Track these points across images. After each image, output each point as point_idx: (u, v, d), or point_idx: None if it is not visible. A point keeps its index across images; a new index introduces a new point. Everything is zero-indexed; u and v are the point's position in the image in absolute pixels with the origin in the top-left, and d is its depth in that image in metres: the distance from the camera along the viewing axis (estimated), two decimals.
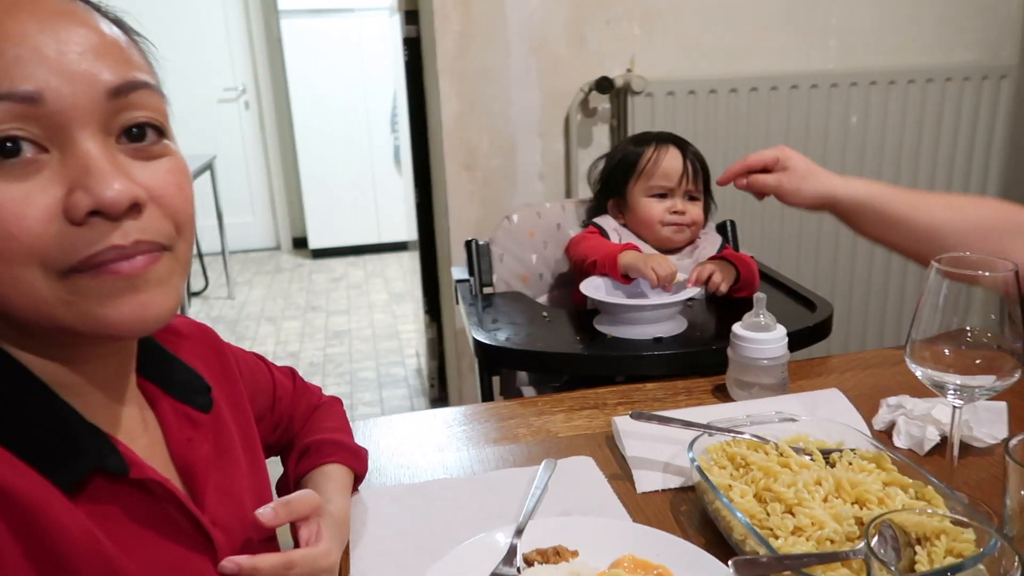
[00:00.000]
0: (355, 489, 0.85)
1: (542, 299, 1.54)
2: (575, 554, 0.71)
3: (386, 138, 4.91)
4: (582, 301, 1.35)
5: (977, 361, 0.74)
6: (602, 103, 2.17)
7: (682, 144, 1.45)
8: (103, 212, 0.46)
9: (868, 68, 2.23)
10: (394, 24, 2.56)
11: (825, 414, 0.93)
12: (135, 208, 0.48)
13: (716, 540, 0.75)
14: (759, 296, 1.03)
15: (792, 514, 0.70)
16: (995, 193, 2.38)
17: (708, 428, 0.85)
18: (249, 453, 0.71)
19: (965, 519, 0.59)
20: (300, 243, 5.31)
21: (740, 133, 2.18)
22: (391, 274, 4.75)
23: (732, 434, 0.84)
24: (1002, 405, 0.94)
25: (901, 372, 1.12)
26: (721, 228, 1.56)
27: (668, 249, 1.42)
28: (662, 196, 1.42)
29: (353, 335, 3.77)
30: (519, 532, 0.74)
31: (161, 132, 0.51)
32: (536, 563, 0.70)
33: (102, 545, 0.50)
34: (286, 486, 0.81)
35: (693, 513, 0.81)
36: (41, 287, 0.46)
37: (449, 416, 1.06)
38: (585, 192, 2.22)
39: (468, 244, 1.48)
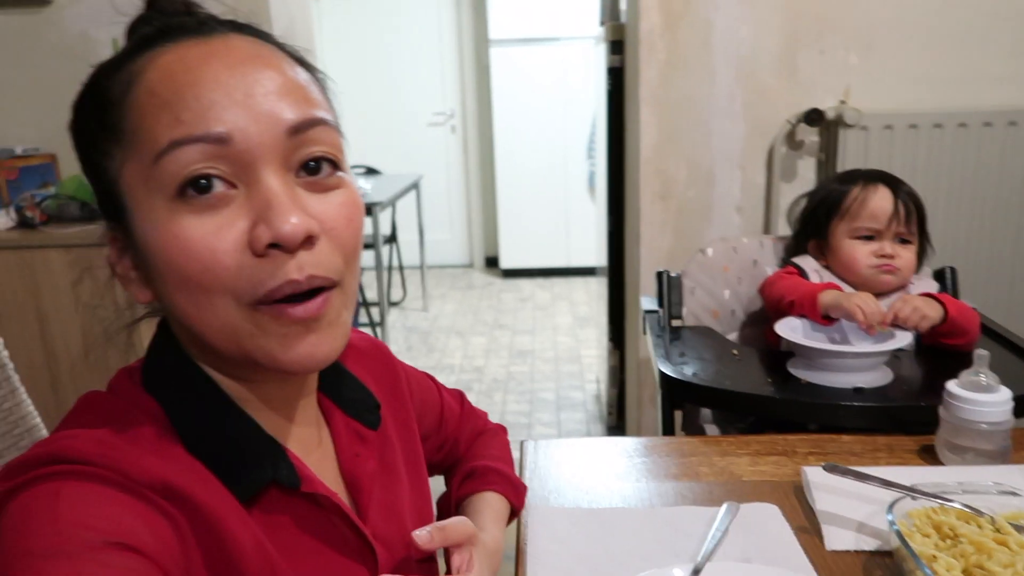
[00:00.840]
0: (509, 522, 0.84)
1: (732, 337, 1.50)
2: None
3: (582, 165, 4.99)
4: (776, 342, 1.29)
5: None
6: (810, 136, 2.07)
7: (893, 182, 1.35)
8: (281, 245, 0.49)
9: None
10: (599, 53, 2.61)
11: None
12: (309, 240, 0.50)
13: None
14: (981, 353, 0.94)
15: None
16: None
17: (912, 491, 0.78)
18: (412, 471, 0.73)
19: None
20: (492, 262, 5.51)
21: (967, 173, 1.99)
22: (577, 298, 4.79)
23: (939, 500, 0.77)
24: None
25: None
26: (939, 275, 1.43)
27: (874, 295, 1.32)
28: (868, 238, 1.33)
29: (536, 355, 3.84)
30: (697, 572, 0.72)
31: (336, 165, 0.54)
32: None
33: (271, 556, 0.53)
34: (447, 506, 0.83)
35: None
36: (233, 316, 0.50)
37: (630, 446, 1.06)
38: (784, 228, 2.13)
39: (659, 275, 1.47)
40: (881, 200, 1.32)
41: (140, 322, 0.60)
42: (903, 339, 1.14)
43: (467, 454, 0.86)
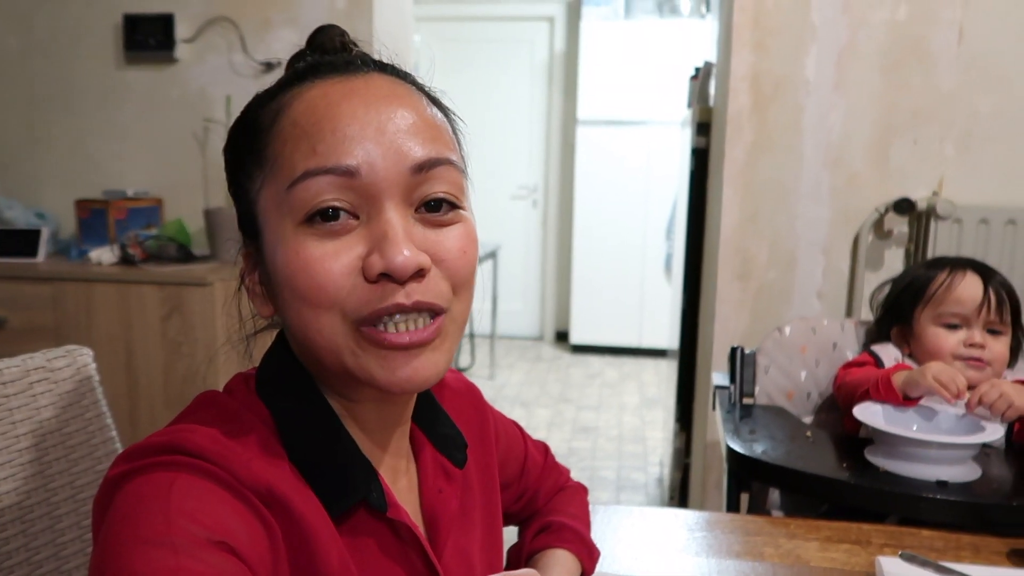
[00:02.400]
0: None
1: (807, 420, 1.43)
2: None
3: (660, 246, 4.97)
4: (854, 430, 1.23)
5: None
6: (899, 225, 2.01)
7: (984, 270, 1.29)
8: (392, 275, 0.51)
9: None
10: (684, 135, 2.64)
11: None
12: (419, 273, 0.53)
13: None
14: None
15: None
16: None
17: None
18: (488, 518, 0.72)
19: None
20: (562, 336, 5.49)
21: None
22: (646, 379, 4.71)
23: None
24: None
25: None
26: None
27: None
28: (956, 327, 1.27)
29: (600, 432, 3.77)
30: None
31: (455, 205, 0.56)
32: None
33: (350, 567, 0.54)
34: (518, 557, 0.82)
35: None
36: (339, 332, 0.53)
37: (691, 519, 1.02)
38: (867, 316, 2.06)
39: (733, 350, 1.43)
40: (970, 286, 1.27)
41: (260, 333, 0.63)
42: (994, 433, 1.07)
43: (545, 508, 0.85)
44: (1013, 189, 1.95)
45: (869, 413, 1.15)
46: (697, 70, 2.66)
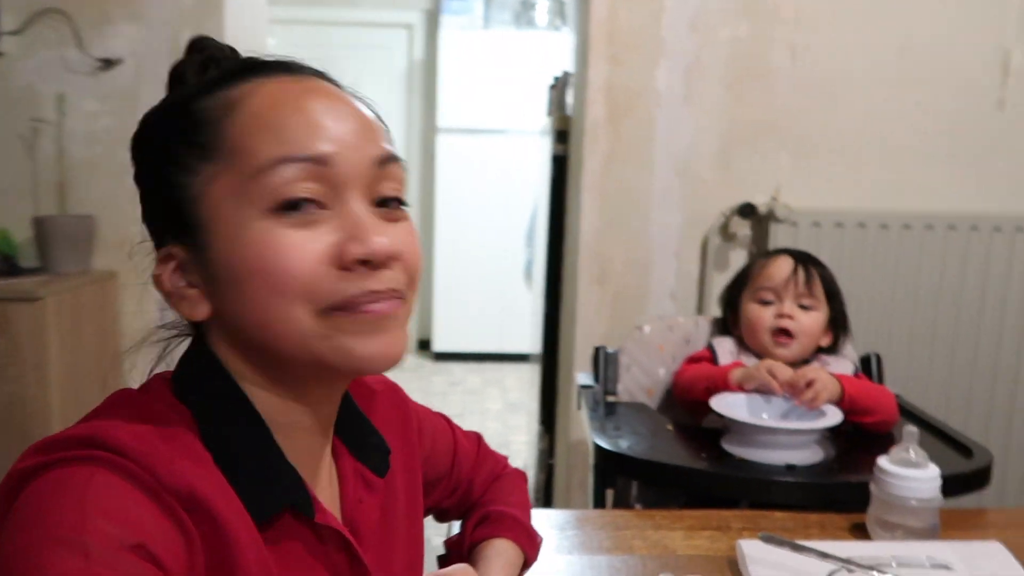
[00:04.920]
0: (521, 573, 0.81)
1: (667, 415, 1.49)
2: None
3: (520, 253, 5.05)
4: (699, 419, 1.30)
5: None
6: (743, 229, 2.14)
7: (799, 254, 1.40)
8: (370, 260, 0.53)
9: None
10: (544, 144, 2.69)
11: (984, 567, 0.83)
12: (391, 260, 0.54)
13: None
14: (910, 430, 0.95)
15: None
16: None
17: (848, 563, 0.77)
18: (410, 521, 0.71)
19: None
20: (424, 344, 5.45)
21: (888, 271, 2.09)
22: (509, 384, 4.75)
23: (875, 573, 0.76)
24: None
25: None
26: (865, 362, 1.47)
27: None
28: (769, 303, 1.36)
29: None
30: None
31: (402, 203, 0.58)
32: None
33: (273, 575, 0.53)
34: (460, 549, 0.80)
35: None
36: (305, 321, 0.53)
37: (561, 519, 1.02)
38: (717, 314, 2.18)
39: (597, 351, 1.47)
40: (781, 264, 1.37)
41: (173, 340, 0.62)
42: (834, 417, 1.15)
43: (483, 499, 0.84)
44: (840, 195, 2.13)
45: (725, 404, 1.21)
46: (556, 80, 2.72)
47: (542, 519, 1.01)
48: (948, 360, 2.12)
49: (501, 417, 4.10)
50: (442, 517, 0.87)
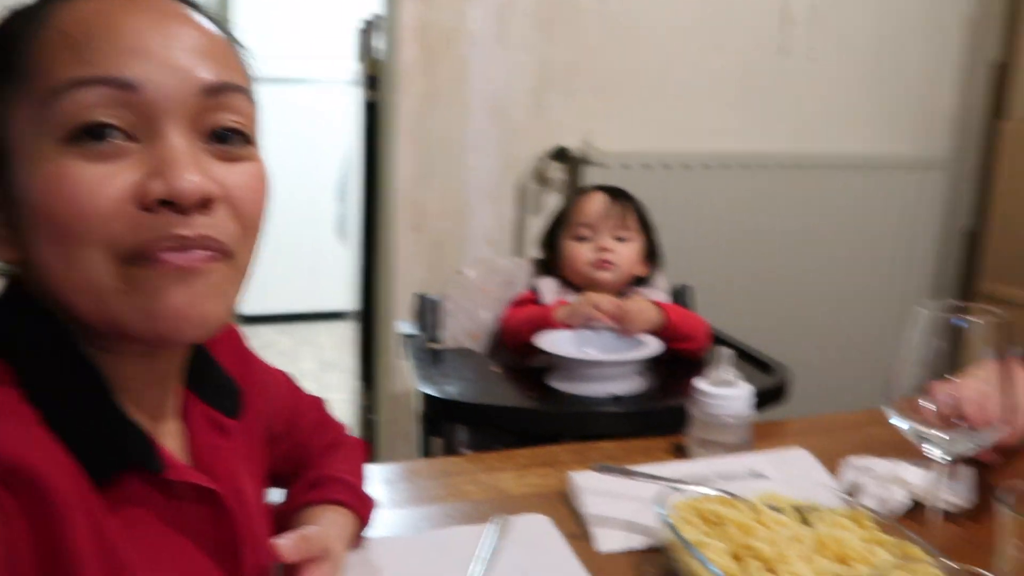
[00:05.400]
0: (354, 541, 0.75)
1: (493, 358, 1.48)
2: None
3: (329, 208, 4.86)
4: (525, 358, 1.30)
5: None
6: (557, 172, 2.16)
7: (612, 189, 1.43)
8: (175, 202, 0.46)
9: (814, 153, 2.30)
10: (353, 91, 2.55)
11: (794, 473, 0.88)
12: (206, 205, 0.48)
13: None
14: (725, 351, 0.99)
15: (774, 572, 0.63)
16: (923, 277, 2.44)
17: (677, 483, 0.79)
18: (261, 470, 0.66)
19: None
20: None
21: (692, 209, 2.19)
22: (322, 342, 4.62)
23: (702, 490, 0.78)
24: (971, 470, 0.91)
25: (862, 436, 1.08)
26: (677, 293, 1.53)
27: None
28: (586, 239, 1.38)
29: None
30: None
31: (247, 139, 0.52)
32: None
33: (116, 551, 0.47)
34: (286, 516, 0.72)
35: (660, 575, 0.73)
36: (100, 271, 0.46)
37: (390, 472, 0.97)
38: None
39: (419, 297, 1.42)
40: (595, 200, 1.40)
41: None
42: (655, 347, 1.19)
43: (317, 464, 0.77)
44: (647, 138, 2.20)
45: (549, 342, 1.21)
46: (366, 23, 2.58)
47: (372, 474, 0.96)
48: (748, 288, 2.28)
49: (316, 376, 3.97)
50: (274, 483, 0.80)
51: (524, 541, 0.78)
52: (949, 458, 0.72)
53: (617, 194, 1.41)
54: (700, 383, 0.98)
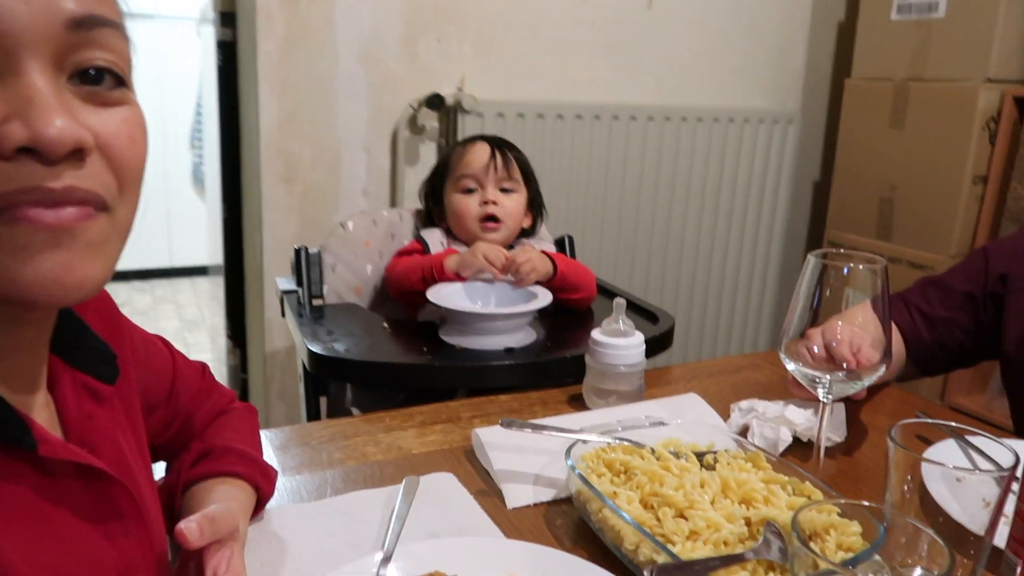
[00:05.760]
0: (255, 514, 0.71)
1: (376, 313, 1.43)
2: None
3: (184, 156, 4.53)
4: (415, 312, 1.27)
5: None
6: (431, 121, 2.11)
7: (494, 139, 1.41)
8: (39, 151, 0.40)
9: (679, 105, 2.37)
10: (206, 30, 2.36)
11: (689, 418, 0.92)
12: (77, 155, 0.42)
13: (599, 553, 0.69)
14: (619, 302, 1.01)
15: (684, 518, 0.66)
16: (779, 225, 2.60)
17: (584, 434, 0.79)
18: (138, 443, 0.61)
19: (865, 509, 0.58)
20: None
21: (564, 159, 2.21)
22: (183, 300, 4.36)
23: (607, 440, 0.79)
24: (840, 406, 0.97)
25: (743, 379, 1.14)
26: (560, 243, 1.54)
27: None
28: (472, 191, 1.36)
29: None
30: (387, 560, 0.64)
31: (121, 80, 0.46)
32: None
33: None
34: (171, 492, 0.67)
35: (570, 526, 0.75)
36: None
37: (283, 437, 0.93)
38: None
39: (298, 252, 1.35)
40: (478, 151, 1.37)
41: None
42: (546, 298, 1.19)
43: (204, 434, 0.71)
44: (521, 87, 2.18)
45: (440, 295, 1.19)
46: None
47: (263, 440, 0.91)
48: (619, 237, 2.34)
49: (179, 336, 3.75)
50: (155, 456, 0.74)
51: (431, 501, 0.77)
52: (831, 398, 0.76)
53: (500, 144, 1.39)
54: (596, 334, 0.99)
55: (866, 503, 0.59)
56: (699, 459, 0.77)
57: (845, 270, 0.76)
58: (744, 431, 0.94)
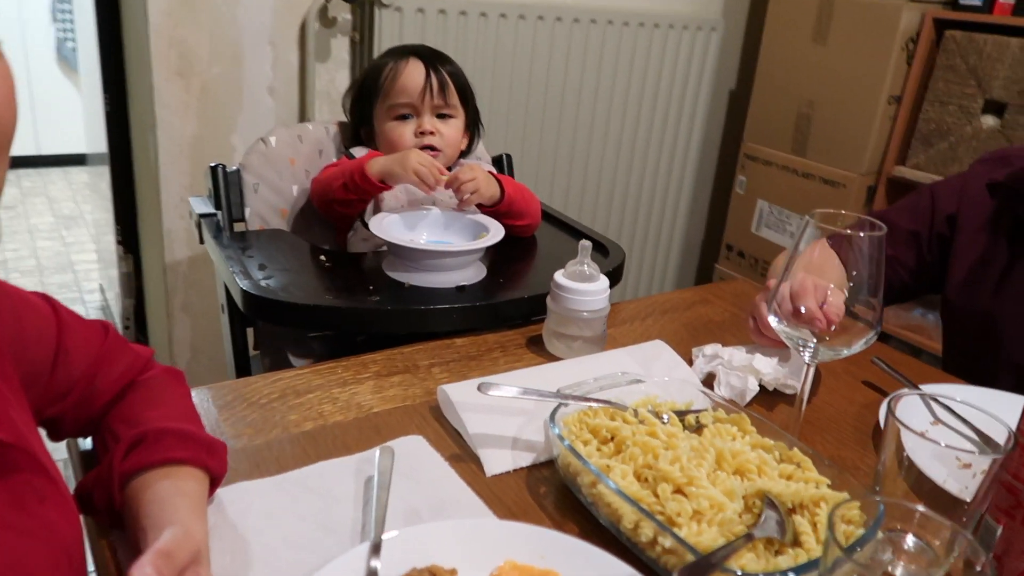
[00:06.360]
0: (209, 495, 0.63)
1: (304, 238, 1.32)
2: (453, 573, 0.58)
3: (46, 30, 4.03)
4: (346, 244, 1.18)
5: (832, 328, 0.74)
6: (344, 13, 1.92)
7: (430, 55, 1.27)
8: None
9: (602, 7, 2.26)
10: None
11: (659, 369, 0.90)
12: None
13: (591, 527, 0.67)
14: (584, 244, 0.96)
15: (682, 493, 0.64)
16: (696, 135, 2.60)
17: (566, 397, 0.76)
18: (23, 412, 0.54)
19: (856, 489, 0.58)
20: None
21: (487, 60, 2.09)
22: (57, 193, 3.98)
23: (591, 404, 0.76)
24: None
25: (696, 316, 1.13)
26: (497, 162, 1.46)
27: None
28: (407, 117, 1.25)
29: (11, 267, 3.10)
30: (376, 550, 0.59)
31: None
32: None
33: None
34: (105, 487, 0.58)
35: (554, 494, 0.72)
36: None
37: (225, 395, 0.84)
38: (322, 112, 1.99)
39: (213, 170, 1.21)
40: (412, 73, 1.24)
41: None
42: (498, 233, 1.12)
43: (122, 410, 0.62)
44: None
45: (384, 226, 1.10)
46: None
47: (200, 400, 0.82)
48: (549, 147, 2.27)
49: (55, 234, 3.44)
50: (54, 432, 0.64)
51: (405, 471, 0.72)
52: (815, 361, 0.76)
53: (435, 62, 1.26)
54: (559, 277, 0.95)
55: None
56: (680, 418, 0.76)
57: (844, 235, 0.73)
58: (709, 378, 0.93)
